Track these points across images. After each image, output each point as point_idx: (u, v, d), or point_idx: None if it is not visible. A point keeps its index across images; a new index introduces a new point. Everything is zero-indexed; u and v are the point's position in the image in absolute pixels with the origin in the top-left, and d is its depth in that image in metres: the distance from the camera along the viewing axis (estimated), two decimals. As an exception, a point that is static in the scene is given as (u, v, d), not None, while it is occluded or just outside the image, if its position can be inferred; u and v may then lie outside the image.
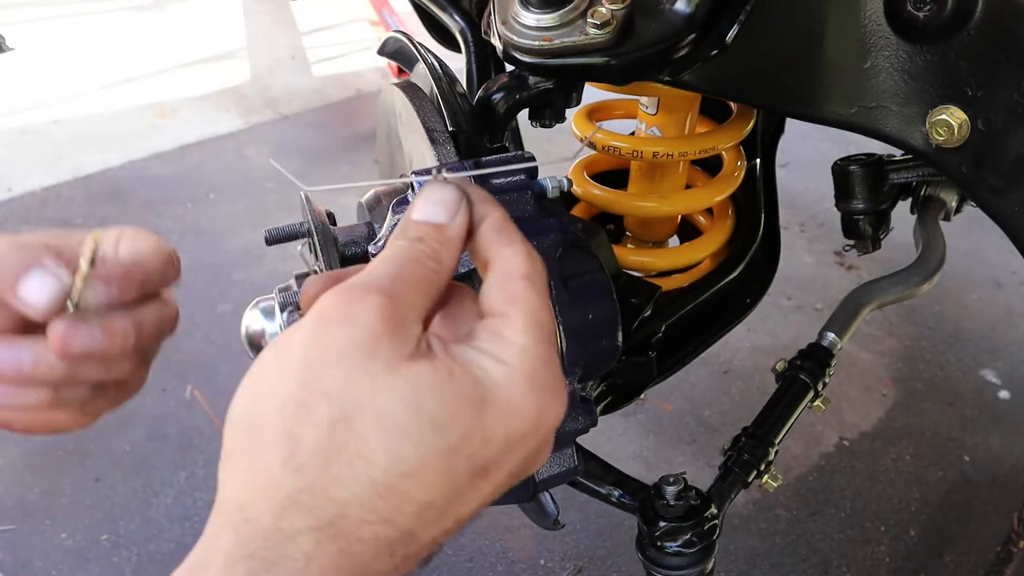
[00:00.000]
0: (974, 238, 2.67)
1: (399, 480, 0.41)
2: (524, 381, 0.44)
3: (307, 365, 0.42)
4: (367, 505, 0.40)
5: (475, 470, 0.43)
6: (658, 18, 0.74)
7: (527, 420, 0.44)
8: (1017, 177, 0.69)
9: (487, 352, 0.45)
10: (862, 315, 1.17)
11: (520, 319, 0.46)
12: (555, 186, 0.71)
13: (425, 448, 0.41)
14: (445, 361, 0.43)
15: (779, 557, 1.83)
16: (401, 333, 0.43)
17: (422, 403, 0.41)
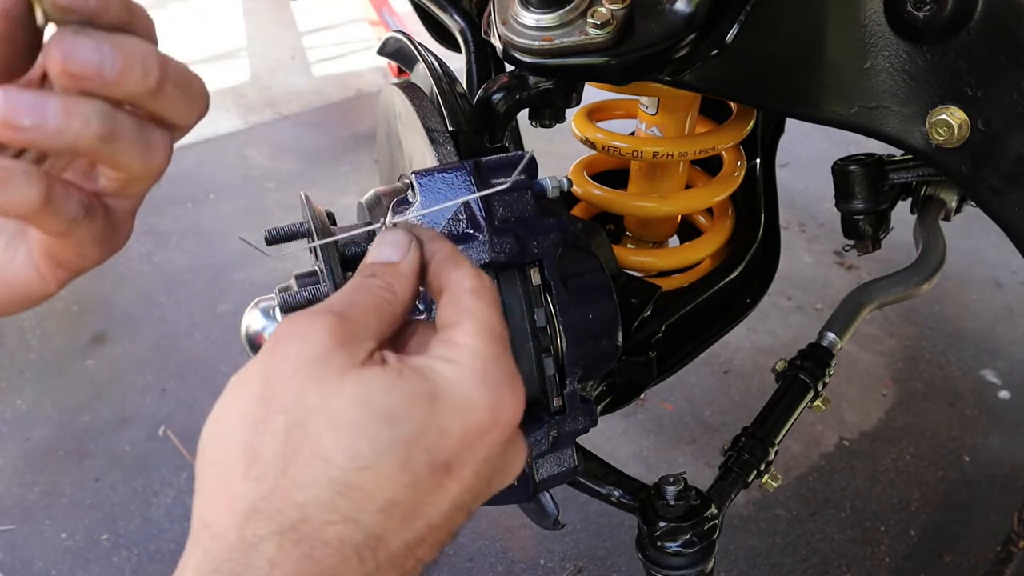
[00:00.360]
0: (974, 238, 2.67)
1: (356, 475, 0.41)
2: (474, 376, 0.45)
3: (264, 382, 0.44)
4: (328, 504, 0.41)
5: (436, 464, 0.43)
6: (658, 18, 0.74)
7: (482, 413, 0.45)
8: (1017, 177, 0.69)
9: (437, 355, 0.47)
10: (862, 315, 1.17)
11: (469, 325, 0.48)
12: (555, 186, 0.71)
13: (379, 442, 0.42)
14: (396, 366, 0.45)
15: (779, 557, 1.83)
16: (352, 346, 0.45)
17: (373, 400, 0.43)
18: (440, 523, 0.45)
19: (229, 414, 0.44)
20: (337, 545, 0.41)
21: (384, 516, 0.42)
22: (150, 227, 2.94)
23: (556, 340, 0.67)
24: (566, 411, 0.68)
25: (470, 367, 0.46)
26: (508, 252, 0.64)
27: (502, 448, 0.47)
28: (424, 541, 0.44)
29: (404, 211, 0.64)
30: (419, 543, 0.44)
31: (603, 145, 1.04)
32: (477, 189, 0.65)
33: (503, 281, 0.66)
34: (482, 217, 0.64)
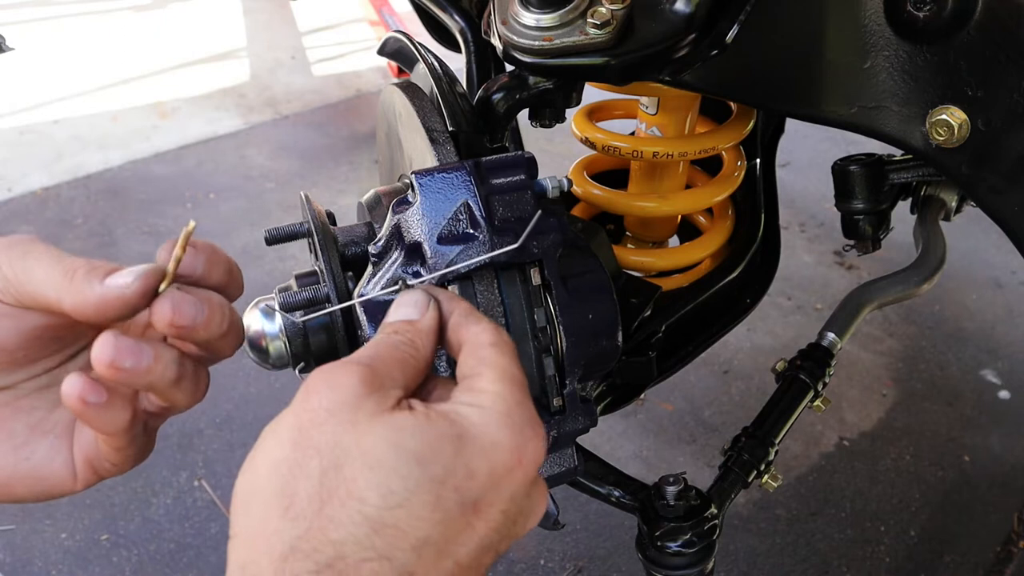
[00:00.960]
0: (974, 238, 2.67)
1: (390, 513, 0.43)
2: (499, 418, 0.48)
3: (298, 429, 0.46)
4: (363, 542, 0.43)
5: (465, 503, 0.45)
6: (658, 18, 0.74)
7: (507, 452, 0.47)
8: (1017, 177, 0.69)
9: (462, 401, 0.49)
10: (862, 315, 1.17)
11: (491, 373, 0.51)
12: (555, 186, 0.71)
13: (411, 481, 0.44)
14: (423, 411, 0.48)
15: (779, 557, 1.83)
16: (380, 393, 0.48)
17: (403, 441, 0.45)
18: (469, 563, 0.46)
19: (264, 461, 0.46)
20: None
21: (417, 554, 0.43)
22: (151, 227, 2.94)
23: (556, 340, 0.67)
24: (566, 411, 0.68)
25: (493, 409, 0.48)
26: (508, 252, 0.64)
27: (527, 489, 0.49)
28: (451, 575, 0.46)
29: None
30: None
31: (603, 145, 1.04)
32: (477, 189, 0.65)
33: (503, 281, 0.66)
34: (482, 217, 0.64)
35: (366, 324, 0.64)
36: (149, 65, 4.26)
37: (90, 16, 4.92)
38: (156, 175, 3.28)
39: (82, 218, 3.02)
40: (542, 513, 0.51)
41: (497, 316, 0.65)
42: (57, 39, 4.56)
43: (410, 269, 0.65)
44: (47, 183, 3.21)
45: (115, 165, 3.34)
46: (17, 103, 3.86)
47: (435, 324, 0.56)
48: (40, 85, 4.03)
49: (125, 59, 4.33)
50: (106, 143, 3.51)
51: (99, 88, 4.03)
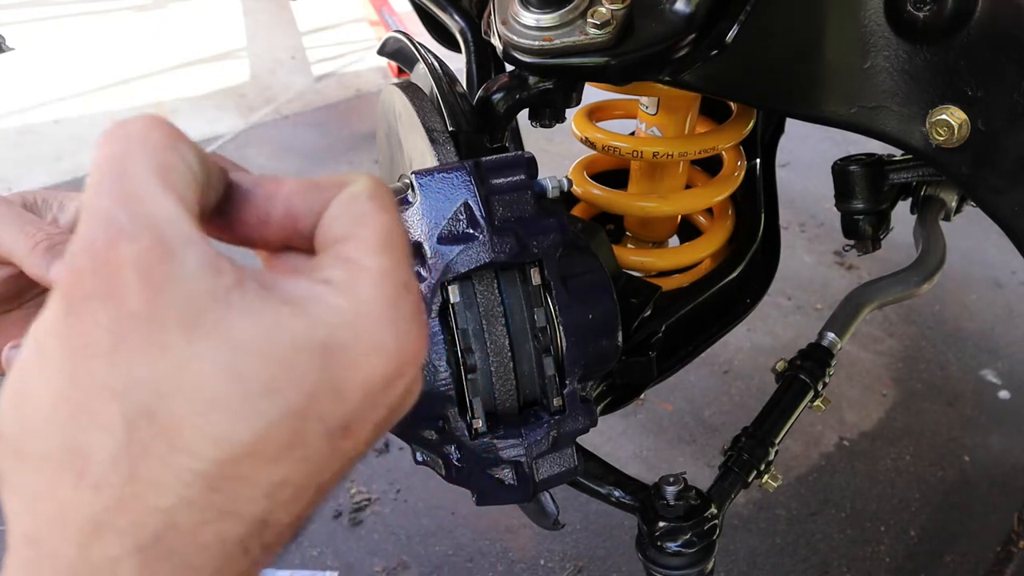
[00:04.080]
0: (974, 238, 2.67)
1: (232, 466, 0.33)
2: (382, 313, 0.35)
3: (72, 359, 0.32)
4: (199, 504, 0.33)
5: (332, 432, 0.35)
6: (658, 18, 0.74)
7: (389, 363, 0.36)
8: (1017, 177, 0.69)
9: (329, 281, 0.36)
10: (862, 315, 1.17)
11: (372, 238, 0.37)
12: (555, 186, 0.71)
13: (259, 421, 0.33)
14: (269, 303, 0.34)
15: (779, 557, 1.83)
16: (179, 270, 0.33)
17: (242, 365, 0.32)
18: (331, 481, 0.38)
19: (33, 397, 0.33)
20: (218, 546, 0.34)
21: (271, 500, 0.34)
22: (150, 227, 2.94)
23: (556, 340, 0.67)
24: (566, 411, 0.68)
25: (376, 300, 0.35)
26: (508, 252, 0.64)
27: (408, 390, 0.39)
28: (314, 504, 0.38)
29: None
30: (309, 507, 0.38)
31: (603, 145, 1.04)
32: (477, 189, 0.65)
33: (503, 281, 0.66)
34: (482, 217, 0.64)
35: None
36: (149, 65, 4.26)
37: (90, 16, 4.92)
38: (156, 175, 3.27)
39: (82, 218, 3.02)
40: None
41: (497, 316, 0.65)
42: (57, 39, 4.57)
43: (410, 269, 0.65)
44: (47, 183, 3.21)
45: (115, 165, 3.34)
46: (17, 103, 3.86)
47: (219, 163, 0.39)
48: (40, 85, 4.03)
49: (125, 59, 4.33)
50: (106, 143, 3.51)
51: (99, 88, 4.03)
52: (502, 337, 0.65)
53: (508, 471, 0.69)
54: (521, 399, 0.68)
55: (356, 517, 1.90)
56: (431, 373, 0.64)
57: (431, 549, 1.83)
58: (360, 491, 1.97)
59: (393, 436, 0.86)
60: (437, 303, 0.64)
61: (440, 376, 0.64)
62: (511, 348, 0.66)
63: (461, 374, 0.65)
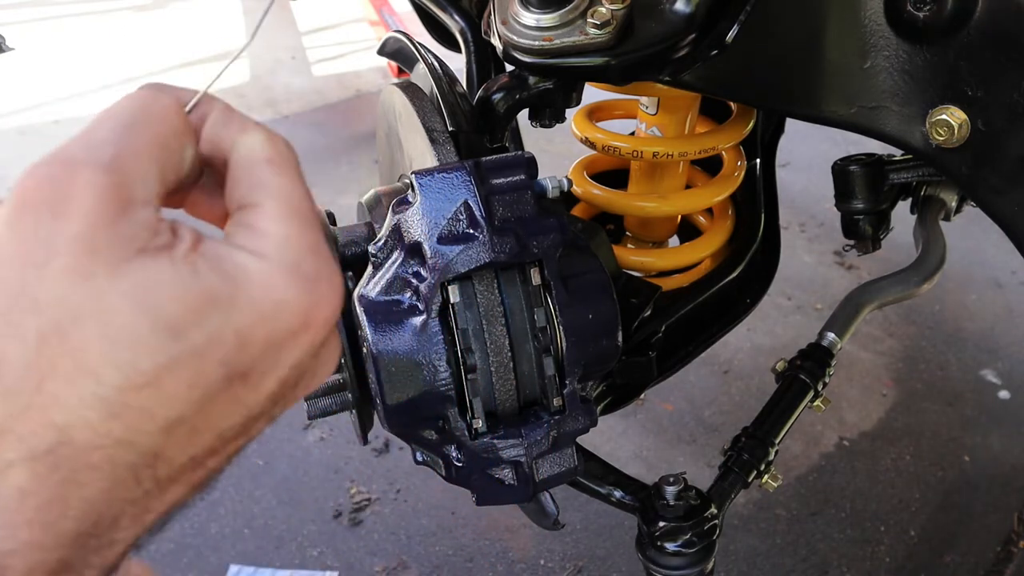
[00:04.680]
0: (974, 238, 2.67)
1: (134, 395, 0.35)
2: (286, 273, 0.39)
3: (8, 266, 0.34)
4: (97, 427, 0.34)
5: (232, 376, 0.37)
6: (658, 18, 0.74)
7: (292, 315, 0.38)
8: (1017, 177, 0.69)
9: (240, 246, 0.39)
10: (862, 315, 1.17)
11: (273, 206, 0.40)
12: (555, 186, 0.71)
13: (163, 356, 0.35)
14: (189, 255, 0.37)
15: (779, 557, 1.83)
16: (128, 219, 0.36)
17: (157, 304, 0.35)
18: (235, 434, 0.39)
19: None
20: (108, 469, 0.35)
21: (166, 435, 0.36)
22: (150, 227, 2.94)
23: (556, 340, 0.67)
24: (566, 411, 0.68)
25: (279, 261, 0.39)
26: (508, 252, 0.64)
27: (314, 351, 0.40)
28: (215, 452, 0.39)
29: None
30: (209, 454, 0.39)
31: (603, 145, 1.04)
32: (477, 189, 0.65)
33: (503, 281, 0.66)
34: (482, 217, 0.64)
35: (366, 324, 0.64)
36: (149, 65, 4.26)
37: (90, 16, 4.92)
38: (156, 175, 3.27)
39: (82, 218, 3.02)
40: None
41: (497, 316, 0.65)
42: (57, 39, 4.57)
43: (410, 269, 0.65)
44: (47, 183, 3.21)
45: (115, 165, 3.34)
46: (17, 103, 3.86)
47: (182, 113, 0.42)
48: (40, 85, 4.03)
49: (125, 59, 4.33)
50: (106, 143, 3.51)
51: (99, 88, 4.03)
52: (502, 337, 0.65)
53: (508, 471, 0.69)
54: (521, 399, 0.68)
55: (356, 517, 1.90)
56: (431, 373, 0.64)
57: (431, 549, 1.83)
58: (360, 491, 1.97)
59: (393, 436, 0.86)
60: (437, 303, 0.64)
61: (440, 376, 0.64)
62: (511, 348, 0.66)
63: (461, 374, 0.65)
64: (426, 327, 0.64)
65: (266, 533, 1.88)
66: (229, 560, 1.82)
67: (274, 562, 1.81)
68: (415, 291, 0.65)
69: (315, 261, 0.40)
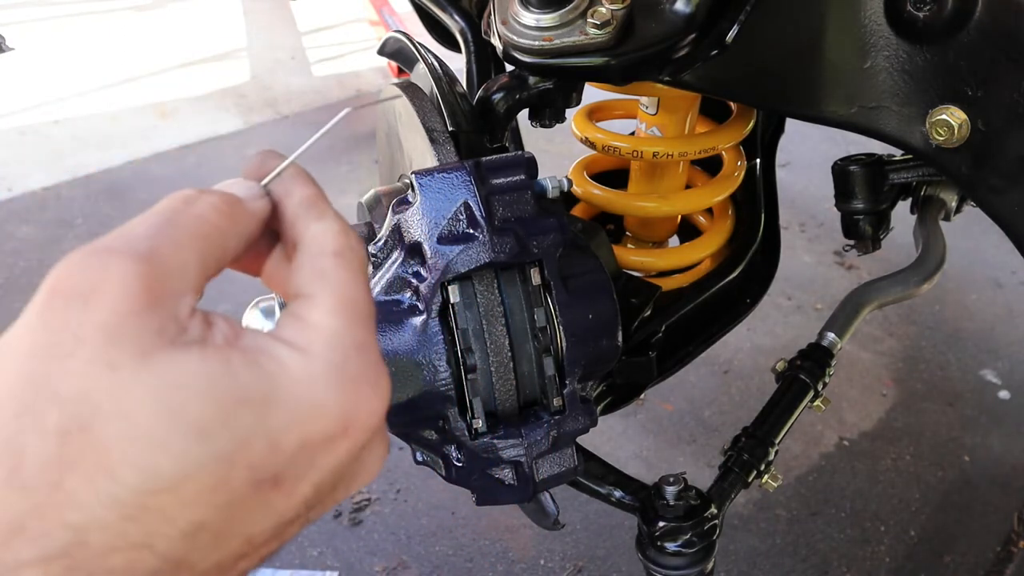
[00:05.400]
0: (974, 238, 2.67)
1: (152, 498, 0.33)
2: (328, 372, 0.36)
3: (34, 356, 0.33)
4: (113, 529, 0.32)
5: (260, 482, 0.35)
6: (658, 18, 0.74)
7: (330, 421, 0.36)
8: (1017, 177, 0.69)
9: (284, 340, 0.37)
10: (862, 315, 1.17)
11: (328, 299, 0.38)
12: (555, 186, 0.71)
13: (186, 460, 0.33)
14: (222, 349, 0.35)
15: (779, 557, 1.83)
16: (159, 310, 0.34)
17: (182, 403, 0.33)
18: (266, 539, 0.37)
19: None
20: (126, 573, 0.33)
21: (188, 541, 0.34)
22: (150, 227, 2.93)
23: (556, 340, 0.67)
24: (566, 411, 0.68)
25: (323, 359, 0.36)
26: (508, 252, 0.64)
27: (354, 456, 0.38)
28: (245, 557, 0.37)
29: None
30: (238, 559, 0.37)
31: (603, 145, 1.04)
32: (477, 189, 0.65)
33: (503, 281, 0.66)
34: (482, 217, 0.64)
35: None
36: (149, 65, 4.26)
37: (90, 16, 4.92)
38: (156, 175, 3.27)
39: (82, 218, 3.02)
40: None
41: (497, 316, 0.65)
42: (57, 39, 4.57)
43: (410, 269, 0.65)
44: (47, 183, 3.21)
45: (115, 165, 3.34)
46: (17, 103, 3.86)
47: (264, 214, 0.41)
48: (40, 85, 4.03)
49: (125, 59, 4.33)
50: (106, 143, 3.51)
51: (99, 88, 4.03)
52: (502, 337, 0.65)
53: (508, 471, 0.69)
54: (521, 399, 0.68)
55: (356, 517, 1.90)
56: (431, 373, 0.64)
57: (431, 549, 1.83)
58: (360, 491, 1.97)
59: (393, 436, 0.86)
60: (437, 303, 0.64)
61: (440, 376, 0.64)
62: (511, 348, 0.66)
63: (461, 374, 0.65)
64: (426, 327, 0.64)
65: (266, 533, 1.87)
66: (229, 560, 1.82)
67: (274, 562, 1.81)
68: (415, 291, 0.65)
69: (361, 361, 0.37)
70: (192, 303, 0.36)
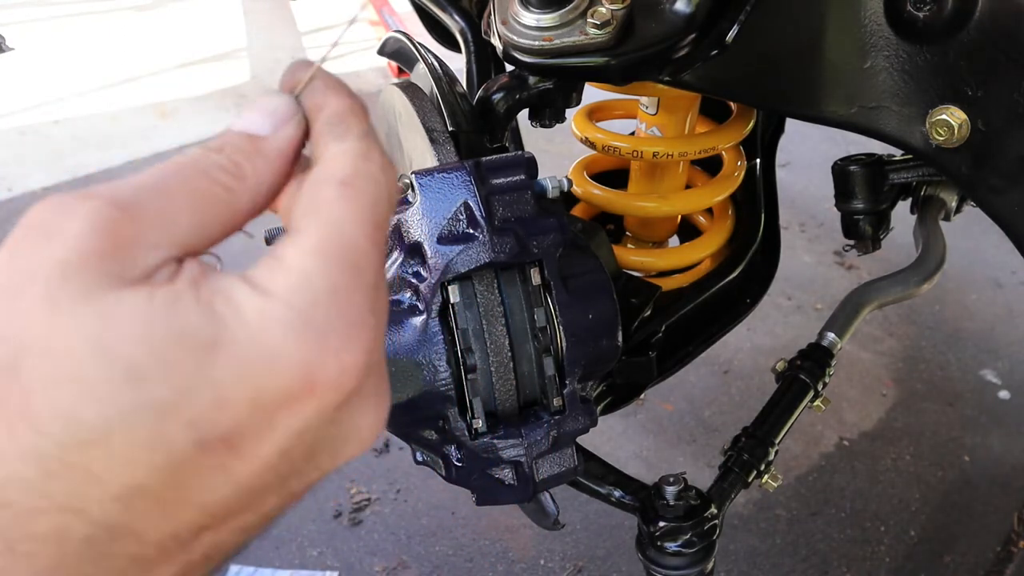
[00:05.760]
0: (974, 238, 2.67)
1: (77, 453, 0.29)
2: (288, 319, 0.31)
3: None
4: (36, 488, 0.29)
5: (207, 441, 0.30)
6: (658, 18, 0.74)
7: (287, 375, 0.31)
8: (1017, 177, 0.69)
9: (250, 280, 0.32)
10: (862, 315, 1.17)
11: (313, 235, 0.33)
12: (555, 186, 0.71)
13: (113, 408, 0.29)
14: (175, 288, 0.31)
15: (779, 557, 1.83)
16: (123, 256, 0.30)
17: (114, 343, 0.29)
18: (229, 510, 0.32)
19: None
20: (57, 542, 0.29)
21: (125, 506, 0.30)
22: (150, 227, 2.94)
23: (556, 340, 0.67)
24: (566, 411, 0.68)
25: (285, 303, 0.31)
26: (508, 252, 0.64)
27: (332, 416, 0.33)
28: (207, 529, 0.32)
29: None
30: (199, 531, 0.32)
31: (603, 145, 1.04)
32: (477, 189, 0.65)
33: (503, 281, 0.66)
34: (482, 217, 0.64)
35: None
36: (149, 65, 4.26)
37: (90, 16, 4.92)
38: (156, 175, 3.27)
39: (82, 218, 3.02)
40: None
41: (497, 316, 0.65)
42: (57, 39, 4.57)
43: (410, 269, 0.65)
44: (47, 183, 3.21)
45: (115, 165, 3.34)
46: (17, 103, 3.86)
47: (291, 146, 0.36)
48: (40, 85, 4.03)
49: (125, 59, 4.33)
50: (106, 143, 3.51)
51: (99, 88, 4.03)
52: (502, 337, 0.65)
53: (508, 471, 0.69)
54: (521, 399, 0.68)
55: (356, 517, 1.90)
56: (431, 373, 0.64)
57: (431, 549, 1.83)
58: (360, 491, 1.97)
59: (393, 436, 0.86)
60: (437, 303, 0.64)
61: (440, 376, 0.64)
62: (511, 348, 0.66)
63: (461, 374, 0.65)
64: (426, 327, 0.64)
65: (266, 533, 1.87)
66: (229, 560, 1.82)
67: (274, 562, 1.81)
68: (415, 291, 0.65)
69: (333, 309, 0.32)
70: (164, 258, 0.31)
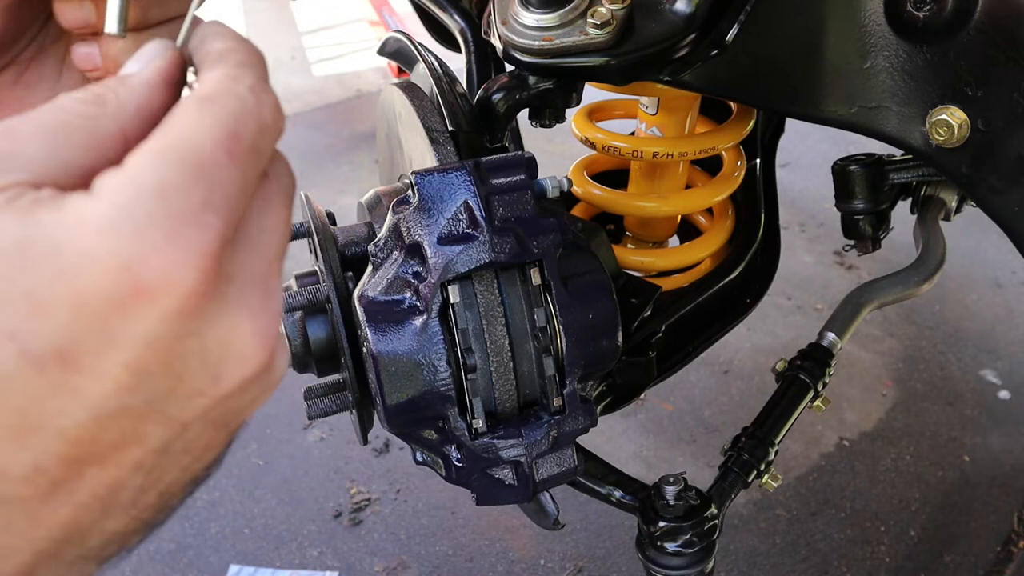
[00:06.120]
0: (974, 238, 2.67)
1: None
2: (107, 216, 0.28)
3: None
4: None
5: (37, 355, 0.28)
6: (658, 18, 0.74)
7: (104, 274, 0.28)
8: (1017, 177, 0.69)
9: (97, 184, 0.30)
10: (862, 315, 1.17)
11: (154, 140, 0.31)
12: (555, 186, 0.71)
13: None
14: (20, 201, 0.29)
15: (779, 557, 1.83)
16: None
17: None
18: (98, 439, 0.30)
19: None
20: None
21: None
22: (150, 227, 2.93)
23: (556, 340, 0.67)
24: (566, 411, 0.68)
25: (106, 201, 0.29)
26: (508, 252, 0.64)
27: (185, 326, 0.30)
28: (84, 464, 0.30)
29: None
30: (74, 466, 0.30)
31: (603, 145, 1.04)
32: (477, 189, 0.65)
33: (503, 281, 0.66)
34: (482, 217, 0.64)
35: (366, 324, 0.64)
36: (149, 65, 4.26)
37: (90, 16, 4.91)
38: (156, 175, 3.27)
39: (82, 218, 3.02)
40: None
41: (497, 316, 0.65)
42: (57, 39, 4.56)
43: (410, 269, 0.65)
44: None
45: (115, 165, 3.34)
46: (17, 103, 3.86)
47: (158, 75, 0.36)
48: (40, 85, 4.03)
49: (125, 59, 4.33)
50: (106, 143, 3.51)
51: (99, 88, 4.03)
52: (502, 337, 0.65)
53: (508, 471, 0.70)
54: (521, 399, 0.68)
55: (356, 517, 1.90)
56: (431, 373, 0.64)
57: (431, 549, 1.83)
58: (360, 491, 1.97)
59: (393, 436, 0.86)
60: (437, 303, 0.64)
61: (440, 376, 0.64)
62: (511, 348, 0.66)
63: (461, 374, 0.65)
64: (426, 327, 0.64)
65: (266, 533, 1.88)
66: (229, 560, 1.82)
67: (274, 562, 1.81)
68: (415, 291, 0.65)
69: (159, 205, 0.29)
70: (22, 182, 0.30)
